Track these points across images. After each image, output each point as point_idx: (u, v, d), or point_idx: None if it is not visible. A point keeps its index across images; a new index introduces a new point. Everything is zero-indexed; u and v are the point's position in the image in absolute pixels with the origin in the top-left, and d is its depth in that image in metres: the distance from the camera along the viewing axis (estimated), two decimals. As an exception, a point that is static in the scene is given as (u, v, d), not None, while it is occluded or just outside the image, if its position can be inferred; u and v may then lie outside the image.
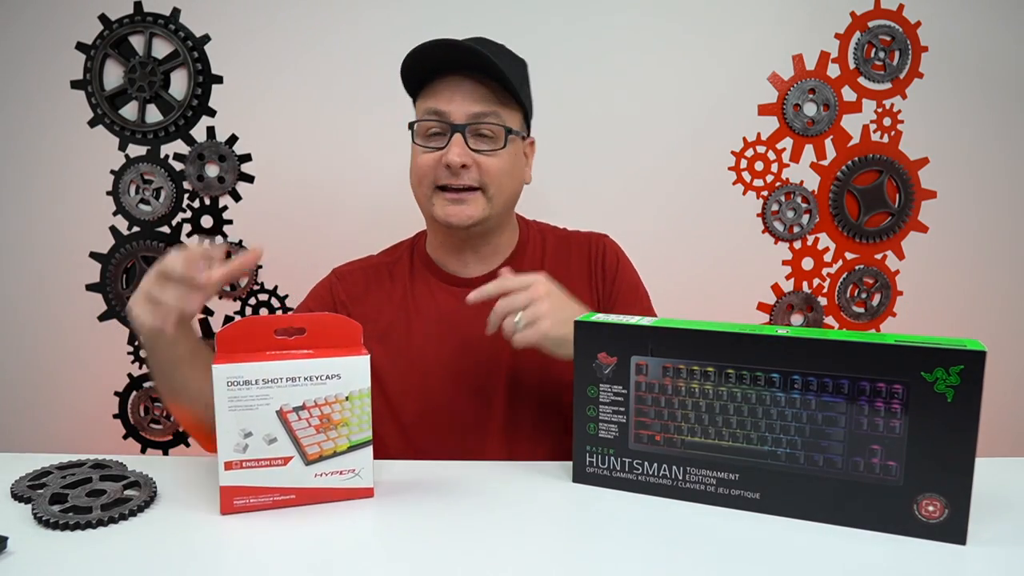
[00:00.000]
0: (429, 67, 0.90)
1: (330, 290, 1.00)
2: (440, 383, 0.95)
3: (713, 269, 1.47)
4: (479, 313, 0.95)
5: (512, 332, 0.77)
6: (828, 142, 1.45)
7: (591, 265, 1.00)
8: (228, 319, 1.48)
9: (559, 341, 0.77)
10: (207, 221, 1.45)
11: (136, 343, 1.48)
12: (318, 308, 0.99)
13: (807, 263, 1.49)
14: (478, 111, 0.88)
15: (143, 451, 1.51)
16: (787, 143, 1.45)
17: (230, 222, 1.45)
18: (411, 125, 0.93)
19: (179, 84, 1.41)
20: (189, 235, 1.45)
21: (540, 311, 0.77)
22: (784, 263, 1.48)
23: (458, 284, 0.98)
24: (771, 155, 1.45)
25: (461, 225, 0.90)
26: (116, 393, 1.50)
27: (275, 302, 1.47)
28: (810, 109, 1.44)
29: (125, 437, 1.51)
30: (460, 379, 0.94)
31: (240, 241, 1.45)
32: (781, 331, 0.64)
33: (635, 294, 1.01)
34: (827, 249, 1.48)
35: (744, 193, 1.46)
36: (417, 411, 0.95)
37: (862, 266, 1.49)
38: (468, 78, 0.88)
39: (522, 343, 0.77)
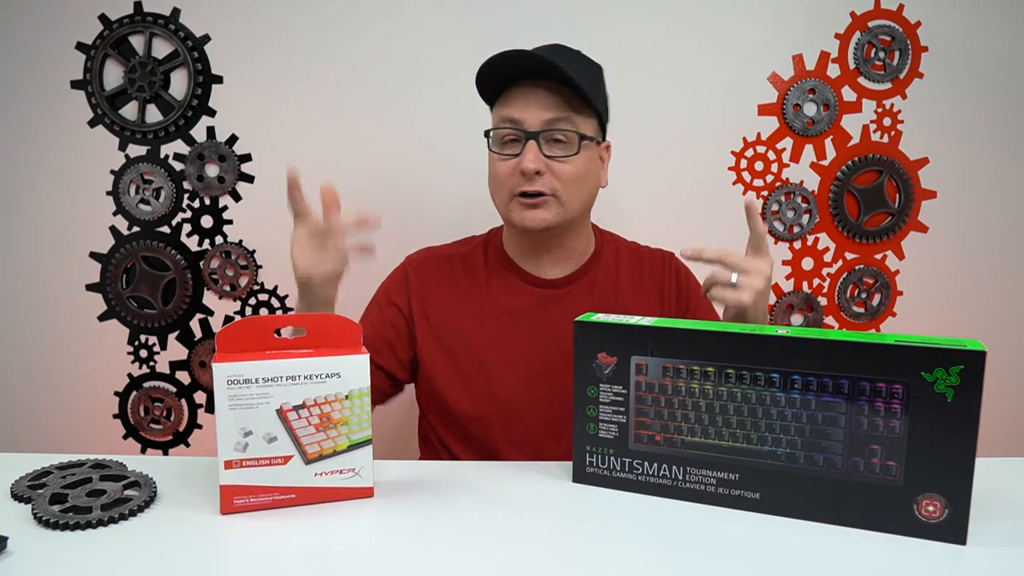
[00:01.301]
0: (504, 76, 0.93)
1: (406, 277, 1.03)
2: (512, 381, 0.97)
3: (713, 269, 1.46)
4: (553, 310, 0.99)
5: (723, 283, 0.82)
6: (828, 142, 1.45)
7: (663, 286, 1.04)
8: (228, 319, 1.48)
9: (747, 315, 0.82)
10: (207, 221, 1.45)
11: (136, 343, 1.48)
12: (397, 294, 1.02)
13: (807, 263, 1.49)
14: (551, 117, 0.91)
15: (143, 451, 1.51)
16: (787, 143, 1.45)
17: (230, 222, 1.45)
18: (487, 133, 0.96)
19: (179, 84, 1.41)
20: (189, 235, 1.45)
21: (755, 283, 0.81)
22: (784, 263, 1.48)
23: (534, 283, 1.01)
24: (771, 155, 1.45)
25: (536, 228, 0.94)
26: (116, 393, 1.50)
27: (275, 302, 1.47)
28: (810, 109, 1.44)
29: (125, 437, 1.51)
30: (533, 378, 0.97)
31: (240, 241, 1.45)
32: (781, 331, 0.64)
33: (706, 306, 1.05)
34: (827, 249, 1.48)
35: (744, 193, 1.46)
36: (484, 407, 0.97)
37: (862, 266, 1.49)
38: (541, 86, 0.91)
39: (720, 297, 0.82)
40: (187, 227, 1.45)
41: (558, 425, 0.95)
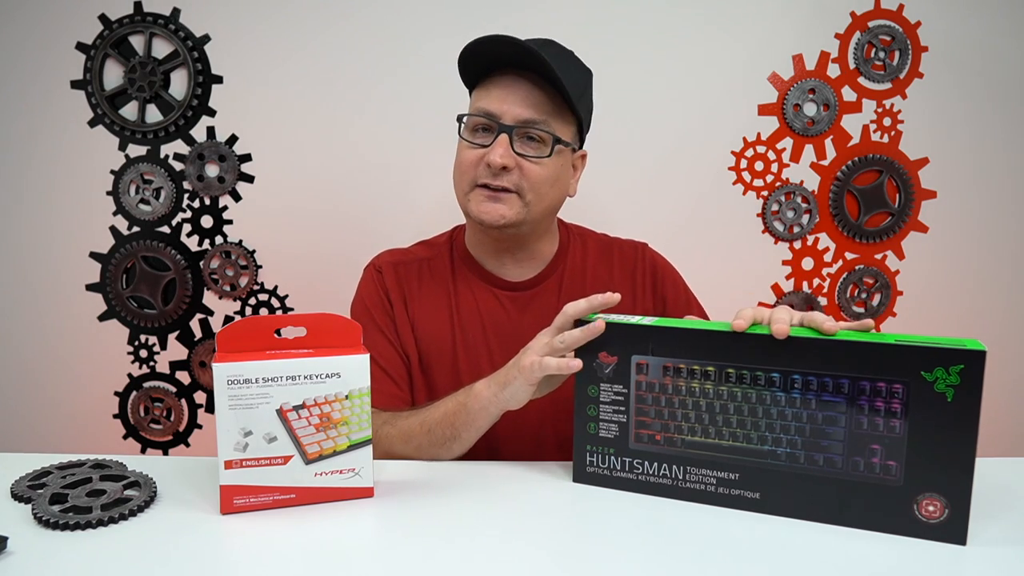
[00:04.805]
0: (487, 62, 0.88)
1: (382, 281, 0.97)
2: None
3: (713, 269, 1.47)
4: (518, 314, 0.95)
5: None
6: (828, 142, 1.45)
7: (635, 277, 1.00)
8: (228, 319, 1.48)
9: None
10: (207, 221, 1.45)
11: (136, 343, 1.48)
12: (379, 309, 0.96)
13: (807, 263, 1.49)
14: (528, 118, 0.86)
15: (143, 451, 1.51)
16: (787, 143, 1.45)
17: (230, 222, 1.45)
18: (460, 118, 0.91)
19: (179, 84, 1.41)
20: (189, 235, 1.45)
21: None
22: (784, 263, 1.48)
23: (499, 286, 0.97)
24: (771, 155, 1.45)
25: (493, 224, 0.89)
26: (116, 393, 1.50)
27: (275, 302, 1.47)
28: (810, 109, 1.44)
29: (125, 437, 1.51)
30: None
31: (240, 241, 1.45)
32: (781, 331, 0.64)
33: (685, 299, 1.01)
34: (827, 249, 1.48)
35: (744, 193, 1.46)
36: None
37: (862, 266, 1.49)
38: (524, 79, 0.87)
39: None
40: (187, 227, 1.45)
41: (526, 428, 0.91)
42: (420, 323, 0.96)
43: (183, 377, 1.49)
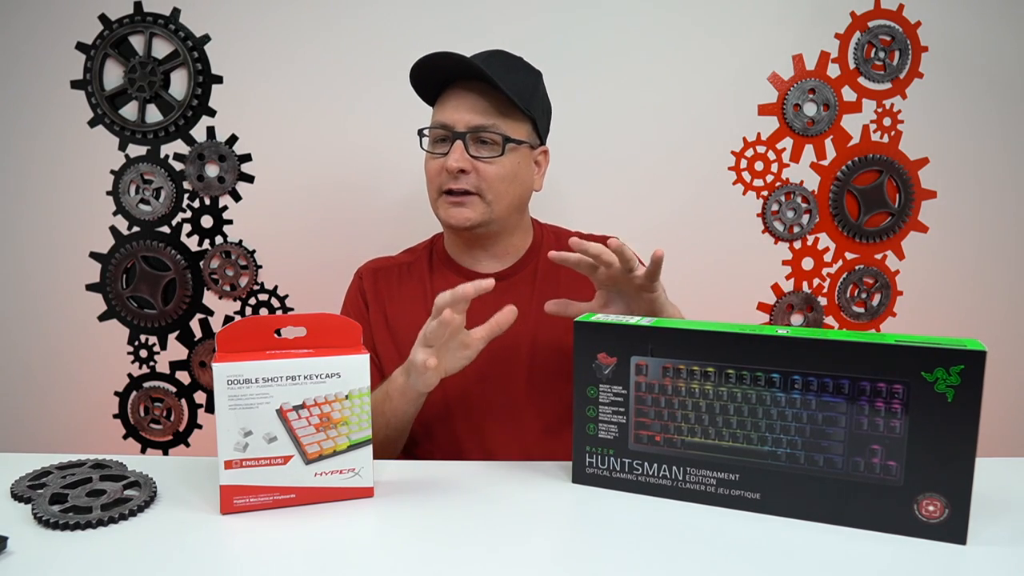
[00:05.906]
0: (439, 77, 0.97)
1: (360, 288, 1.05)
2: (461, 375, 0.95)
3: (713, 269, 1.47)
4: (494, 302, 0.97)
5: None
6: (828, 142, 1.45)
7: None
8: (228, 319, 1.48)
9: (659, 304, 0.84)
10: (207, 221, 1.45)
11: (136, 343, 1.48)
12: (356, 313, 1.04)
13: (807, 263, 1.49)
14: (477, 124, 0.94)
15: (143, 451, 1.51)
16: (787, 143, 1.45)
17: (230, 222, 1.45)
18: (420, 132, 1.00)
19: (179, 84, 1.41)
20: (189, 235, 1.45)
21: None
22: (784, 263, 1.48)
23: (474, 277, 1.01)
24: (771, 155, 1.45)
25: (461, 226, 0.96)
26: (116, 393, 1.50)
27: (275, 302, 1.47)
28: (810, 109, 1.44)
29: (125, 437, 1.51)
30: (479, 369, 0.95)
31: (240, 241, 1.45)
32: (781, 331, 0.64)
33: None
34: (827, 249, 1.48)
35: (744, 193, 1.46)
36: (437, 402, 0.97)
37: (862, 266, 1.49)
38: (472, 91, 0.94)
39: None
40: (187, 227, 1.45)
41: (507, 414, 0.97)
42: (397, 320, 1.02)
43: (183, 377, 1.49)
